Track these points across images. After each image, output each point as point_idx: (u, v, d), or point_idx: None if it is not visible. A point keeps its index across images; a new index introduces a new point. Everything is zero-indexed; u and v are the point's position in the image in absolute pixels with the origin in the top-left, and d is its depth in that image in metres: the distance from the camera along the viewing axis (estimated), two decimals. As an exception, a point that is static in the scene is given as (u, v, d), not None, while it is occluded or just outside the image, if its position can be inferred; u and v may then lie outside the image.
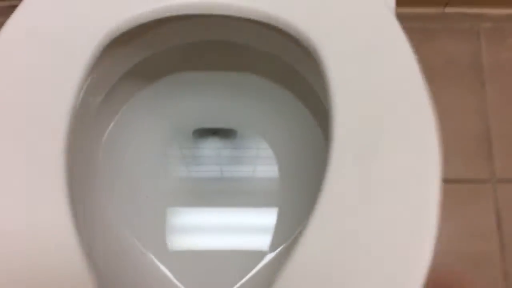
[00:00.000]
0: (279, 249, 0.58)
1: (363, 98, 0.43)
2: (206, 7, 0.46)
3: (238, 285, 0.56)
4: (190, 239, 0.60)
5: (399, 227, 0.40)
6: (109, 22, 0.44)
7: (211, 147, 0.65)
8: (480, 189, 0.86)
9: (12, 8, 0.44)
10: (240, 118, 0.65)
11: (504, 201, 0.85)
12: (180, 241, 0.59)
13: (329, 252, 0.39)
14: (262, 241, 0.59)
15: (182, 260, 0.58)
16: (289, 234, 0.57)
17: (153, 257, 0.57)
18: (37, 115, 0.42)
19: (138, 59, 0.55)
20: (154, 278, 0.56)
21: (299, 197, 0.60)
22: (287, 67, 0.57)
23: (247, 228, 0.61)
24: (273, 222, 0.60)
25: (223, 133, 0.65)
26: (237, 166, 0.64)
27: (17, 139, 0.42)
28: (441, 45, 0.91)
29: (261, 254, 0.57)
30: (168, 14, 0.46)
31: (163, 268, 0.57)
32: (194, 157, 0.64)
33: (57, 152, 0.41)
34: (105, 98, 0.53)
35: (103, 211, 0.56)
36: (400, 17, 0.87)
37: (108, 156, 0.58)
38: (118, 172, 0.60)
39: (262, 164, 0.64)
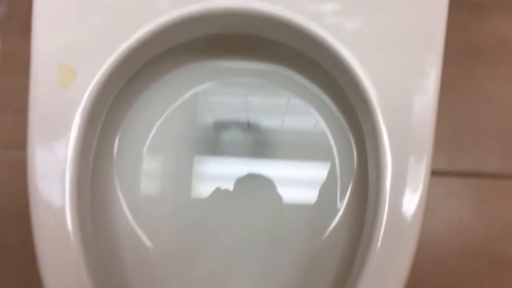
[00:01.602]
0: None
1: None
2: (244, 12, 0.42)
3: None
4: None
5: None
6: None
7: (232, 139, 0.59)
8: (522, 187, 0.78)
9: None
10: (262, 110, 0.59)
11: (548, 201, 0.77)
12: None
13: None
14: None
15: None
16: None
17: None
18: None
19: (164, 48, 0.49)
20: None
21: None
22: (317, 66, 0.51)
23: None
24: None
25: (244, 125, 0.60)
26: (258, 157, 0.59)
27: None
28: (493, 23, 0.81)
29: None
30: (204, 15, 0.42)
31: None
32: (215, 148, 0.59)
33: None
34: (127, 83, 0.48)
35: (118, 205, 0.52)
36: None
37: (124, 144, 0.53)
38: (135, 161, 0.55)
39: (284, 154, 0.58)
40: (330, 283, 0.51)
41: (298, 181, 0.57)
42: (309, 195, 0.55)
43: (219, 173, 0.58)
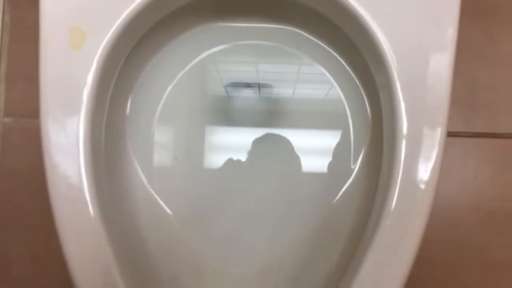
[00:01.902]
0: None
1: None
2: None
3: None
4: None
5: None
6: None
7: (244, 103, 0.59)
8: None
9: None
10: (275, 72, 0.59)
11: None
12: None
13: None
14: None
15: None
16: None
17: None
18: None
19: (172, 8, 0.48)
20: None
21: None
22: (329, 23, 0.49)
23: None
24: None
25: (256, 87, 0.59)
26: (270, 124, 0.58)
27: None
28: (509, -22, 0.79)
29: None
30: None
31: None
32: (227, 114, 0.58)
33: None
34: (136, 46, 0.48)
35: (130, 168, 0.52)
36: None
37: (136, 109, 0.53)
38: (147, 126, 0.55)
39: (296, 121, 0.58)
40: (343, 245, 0.51)
41: (312, 147, 0.57)
42: (323, 160, 0.55)
43: (231, 139, 0.57)
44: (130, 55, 0.47)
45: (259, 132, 0.57)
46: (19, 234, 0.77)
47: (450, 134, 0.77)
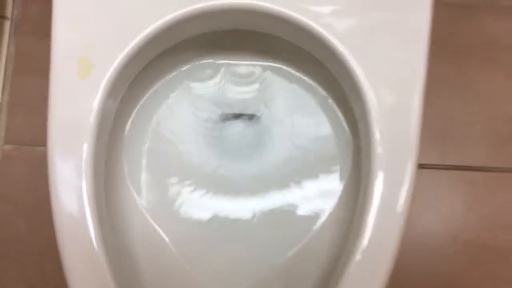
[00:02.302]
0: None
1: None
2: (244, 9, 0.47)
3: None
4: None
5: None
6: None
7: (235, 130, 0.63)
8: (510, 178, 0.81)
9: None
10: (264, 104, 0.63)
11: (535, 192, 0.81)
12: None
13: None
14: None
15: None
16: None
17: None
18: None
19: (171, 43, 0.53)
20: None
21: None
22: (312, 58, 0.54)
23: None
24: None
25: (247, 118, 0.64)
26: (259, 149, 0.63)
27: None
28: (482, 23, 0.85)
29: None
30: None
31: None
32: (220, 139, 0.62)
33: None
34: (137, 76, 0.52)
35: (127, 192, 0.56)
36: (439, -8, 0.82)
37: (133, 135, 0.57)
38: (142, 152, 0.59)
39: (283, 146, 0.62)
40: (321, 272, 0.55)
41: (297, 175, 0.61)
42: (308, 186, 0.59)
43: (222, 166, 0.61)
44: (131, 84, 0.51)
45: (248, 160, 0.61)
46: (14, 259, 0.79)
47: (427, 167, 0.82)
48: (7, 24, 0.85)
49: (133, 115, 0.58)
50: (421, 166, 0.82)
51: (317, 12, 0.47)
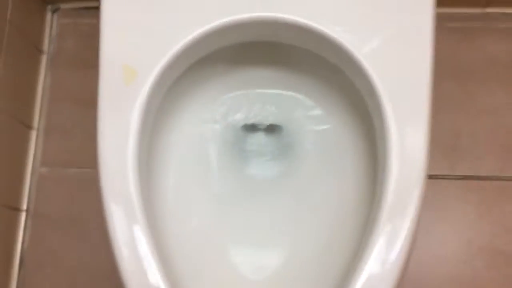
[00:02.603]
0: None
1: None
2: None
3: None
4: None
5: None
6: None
7: (258, 141, 0.69)
8: (519, 187, 0.86)
9: None
10: (286, 114, 0.69)
11: (543, 199, 0.85)
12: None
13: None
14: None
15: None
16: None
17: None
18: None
19: (206, 52, 0.59)
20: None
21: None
22: (332, 66, 0.60)
23: None
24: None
25: (270, 128, 0.70)
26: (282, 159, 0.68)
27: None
28: (481, 44, 0.92)
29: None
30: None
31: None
32: (243, 150, 0.68)
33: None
34: (172, 86, 0.58)
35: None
36: (441, 17, 0.89)
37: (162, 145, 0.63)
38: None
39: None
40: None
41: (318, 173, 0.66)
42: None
43: (244, 168, 0.67)
44: (167, 92, 0.57)
45: (268, 163, 0.67)
46: (49, 273, 0.84)
47: (438, 177, 0.87)
48: (44, 58, 0.92)
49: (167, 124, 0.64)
50: (431, 177, 0.86)
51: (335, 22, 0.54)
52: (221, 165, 0.66)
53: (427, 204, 0.83)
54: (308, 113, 0.68)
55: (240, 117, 0.69)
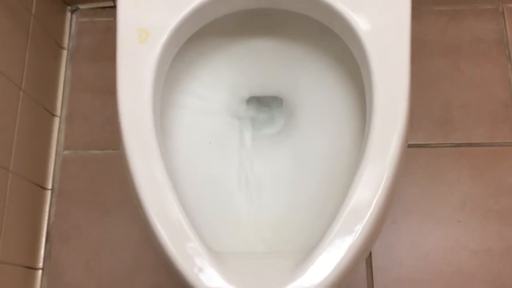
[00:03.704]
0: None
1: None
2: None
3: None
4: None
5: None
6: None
7: (261, 110, 0.77)
8: (507, 152, 0.91)
9: None
10: (285, 83, 0.77)
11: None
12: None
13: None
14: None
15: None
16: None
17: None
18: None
19: (209, 19, 0.66)
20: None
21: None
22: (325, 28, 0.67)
23: None
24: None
25: (271, 100, 0.78)
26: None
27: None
28: (468, 25, 0.99)
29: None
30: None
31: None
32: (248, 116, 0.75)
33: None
34: (181, 49, 0.65)
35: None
36: (430, 2, 0.97)
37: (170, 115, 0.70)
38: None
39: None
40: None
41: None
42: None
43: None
44: (177, 54, 0.65)
45: (269, 126, 0.74)
46: (74, 246, 0.90)
47: (432, 146, 0.93)
48: (65, 53, 1.01)
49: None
50: (427, 146, 0.93)
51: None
52: (225, 127, 0.73)
53: (424, 169, 0.90)
54: (304, 79, 0.75)
55: (243, 90, 0.76)
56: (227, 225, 0.67)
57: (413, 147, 0.92)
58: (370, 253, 0.86)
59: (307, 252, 0.52)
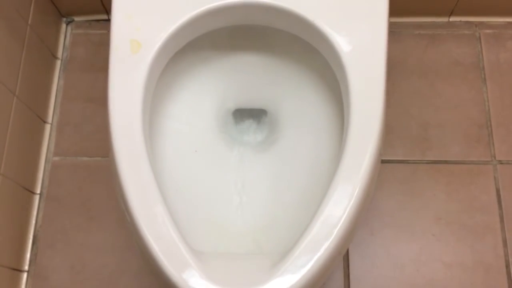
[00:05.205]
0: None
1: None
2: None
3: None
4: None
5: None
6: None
7: (247, 122, 0.81)
8: (481, 170, 0.96)
9: None
10: (270, 97, 0.80)
11: (503, 180, 0.95)
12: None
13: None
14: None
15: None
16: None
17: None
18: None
19: (200, 32, 0.70)
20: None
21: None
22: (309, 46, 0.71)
23: None
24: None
25: (256, 112, 0.81)
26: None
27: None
28: (446, 48, 1.04)
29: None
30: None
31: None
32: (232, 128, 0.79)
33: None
34: (171, 60, 0.69)
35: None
36: (410, 26, 1.02)
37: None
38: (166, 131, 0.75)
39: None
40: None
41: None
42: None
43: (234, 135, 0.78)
44: (167, 65, 0.68)
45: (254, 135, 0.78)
46: (59, 250, 0.93)
47: (410, 162, 0.97)
48: (58, 63, 1.04)
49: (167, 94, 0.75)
50: (405, 162, 0.97)
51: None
52: (214, 135, 0.77)
53: (402, 185, 0.94)
54: (288, 93, 0.79)
55: (230, 102, 0.80)
56: (211, 227, 0.70)
57: (391, 163, 0.96)
58: (348, 263, 0.89)
59: (284, 253, 0.55)
